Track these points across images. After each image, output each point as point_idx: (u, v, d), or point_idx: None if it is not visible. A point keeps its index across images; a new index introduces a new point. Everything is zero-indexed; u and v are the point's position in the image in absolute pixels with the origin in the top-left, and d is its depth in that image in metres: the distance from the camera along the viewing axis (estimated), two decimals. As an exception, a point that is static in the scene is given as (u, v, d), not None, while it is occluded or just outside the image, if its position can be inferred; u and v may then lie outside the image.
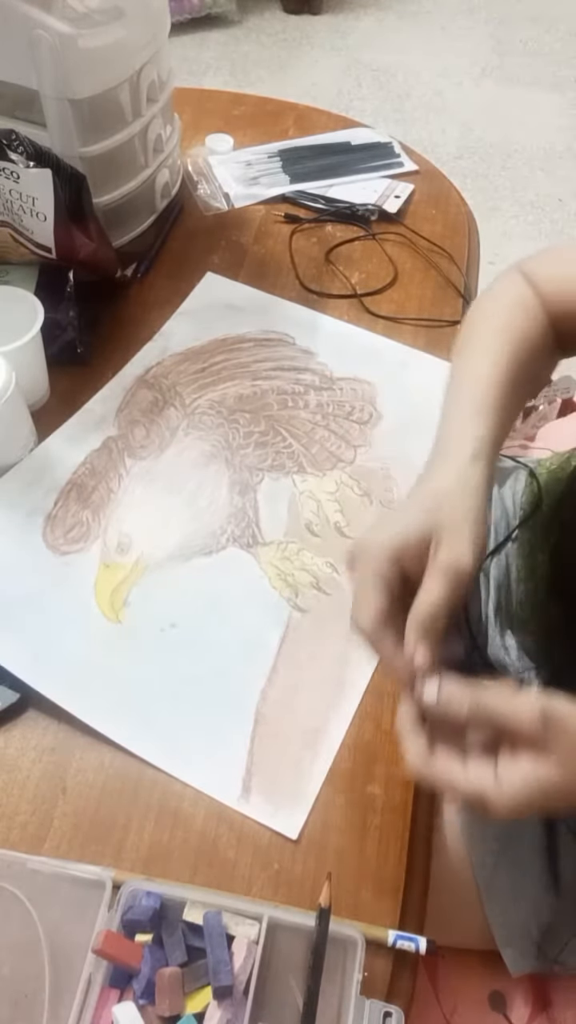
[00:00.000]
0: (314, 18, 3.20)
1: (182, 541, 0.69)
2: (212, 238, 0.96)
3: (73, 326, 0.79)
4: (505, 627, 0.77)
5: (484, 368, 0.55)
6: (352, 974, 0.47)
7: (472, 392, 0.54)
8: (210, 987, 0.46)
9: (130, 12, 0.75)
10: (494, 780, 0.42)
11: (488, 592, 0.78)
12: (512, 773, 0.41)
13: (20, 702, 0.59)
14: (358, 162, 1.07)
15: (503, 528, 0.79)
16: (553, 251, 0.64)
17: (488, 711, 0.42)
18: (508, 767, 0.42)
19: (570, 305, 0.59)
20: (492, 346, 0.57)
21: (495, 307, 0.61)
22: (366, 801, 0.56)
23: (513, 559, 0.77)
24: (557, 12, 3.21)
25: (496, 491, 0.82)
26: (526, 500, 0.79)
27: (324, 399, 0.80)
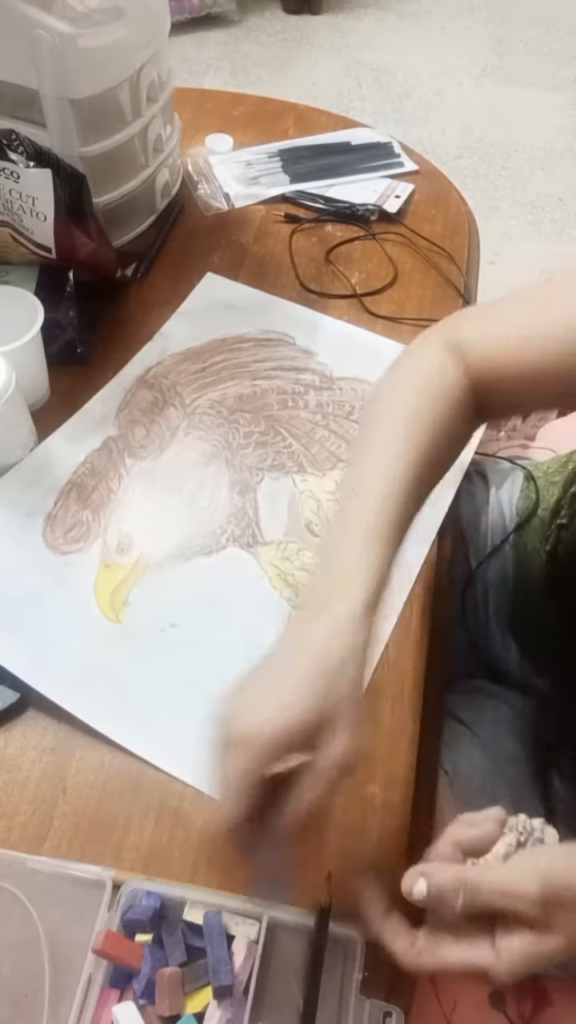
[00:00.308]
0: (314, 18, 3.20)
1: (182, 541, 0.69)
2: (212, 238, 0.96)
3: (73, 326, 0.79)
4: (505, 629, 0.77)
5: (381, 477, 0.49)
6: (352, 974, 0.47)
7: (367, 509, 0.48)
8: (210, 987, 0.46)
9: (130, 12, 0.75)
10: (491, 951, 0.40)
11: (486, 596, 0.78)
12: (512, 944, 0.39)
13: (20, 702, 0.59)
14: (358, 162, 1.07)
15: (500, 530, 0.79)
16: (475, 311, 0.58)
17: (483, 899, 0.40)
18: (507, 939, 0.40)
19: (497, 370, 0.53)
20: (394, 444, 0.50)
21: (403, 389, 0.54)
22: (366, 801, 0.56)
23: (510, 563, 0.77)
24: (557, 12, 3.22)
25: (493, 493, 0.82)
26: (522, 503, 0.78)
27: (324, 399, 0.80)
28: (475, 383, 0.53)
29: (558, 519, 0.71)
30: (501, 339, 0.53)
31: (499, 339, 0.53)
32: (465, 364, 0.53)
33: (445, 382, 0.52)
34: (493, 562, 0.78)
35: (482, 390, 0.53)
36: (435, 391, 0.52)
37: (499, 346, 0.53)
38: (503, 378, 0.53)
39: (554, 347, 0.50)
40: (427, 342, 0.56)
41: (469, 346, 0.53)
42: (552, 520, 0.71)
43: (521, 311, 0.54)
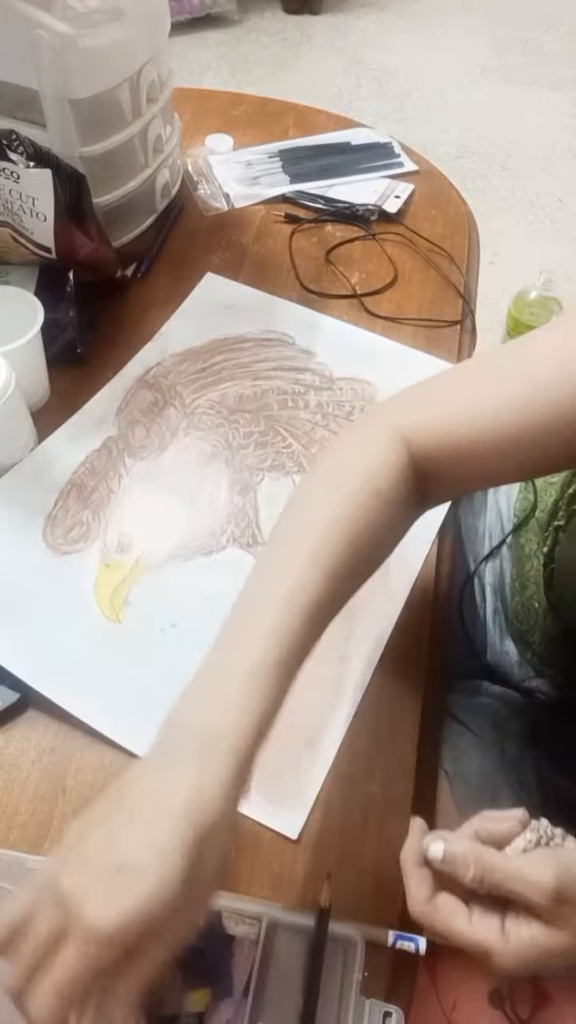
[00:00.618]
0: (314, 18, 3.20)
1: (182, 541, 0.69)
2: (212, 238, 0.96)
3: (73, 326, 0.79)
4: (504, 630, 0.77)
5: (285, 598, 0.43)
6: (352, 974, 0.47)
7: (261, 635, 0.41)
8: (210, 987, 0.46)
9: (130, 12, 0.75)
10: (500, 933, 0.40)
11: (484, 597, 0.78)
12: (521, 931, 0.39)
13: (20, 702, 0.59)
14: (358, 162, 1.07)
15: (498, 532, 0.79)
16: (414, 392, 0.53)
17: (496, 879, 0.40)
18: (517, 925, 0.40)
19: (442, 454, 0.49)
20: (305, 557, 0.44)
21: (325, 488, 0.49)
22: (366, 801, 0.56)
23: (508, 565, 0.77)
24: (557, 12, 3.22)
25: (491, 494, 0.82)
26: (520, 505, 0.78)
27: (324, 399, 0.80)
28: (419, 470, 0.50)
29: (556, 520, 0.71)
30: (444, 423, 0.50)
31: (442, 423, 0.50)
32: (406, 451, 0.49)
33: (379, 476, 0.48)
34: (491, 563, 0.78)
35: (426, 476, 0.50)
36: (365, 488, 0.47)
37: (443, 430, 0.50)
38: (449, 461, 0.50)
39: (491, 425, 0.48)
40: (366, 428, 0.52)
41: (410, 434, 0.50)
42: (550, 521, 0.71)
43: (461, 390, 0.51)
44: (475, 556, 0.79)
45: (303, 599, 0.43)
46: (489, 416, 0.48)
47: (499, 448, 0.48)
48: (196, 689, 0.41)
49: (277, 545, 0.48)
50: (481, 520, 0.80)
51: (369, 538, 0.47)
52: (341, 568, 0.45)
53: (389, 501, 0.48)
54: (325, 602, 0.44)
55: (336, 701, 0.61)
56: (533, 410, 0.46)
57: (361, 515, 0.47)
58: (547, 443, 0.47)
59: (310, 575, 0.44)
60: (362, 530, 0.46)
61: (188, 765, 0.37)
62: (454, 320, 0.89)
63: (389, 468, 0.48)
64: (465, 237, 1.00)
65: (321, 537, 0.45)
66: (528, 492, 0.78)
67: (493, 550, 0.78)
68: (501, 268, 2.04)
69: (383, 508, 0.48)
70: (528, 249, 2.22)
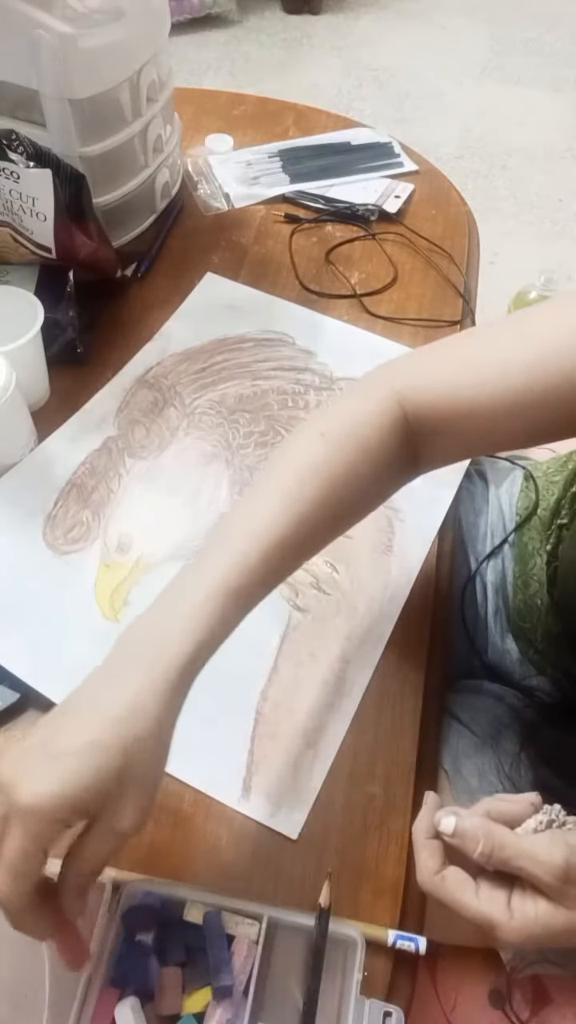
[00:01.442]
0: (314, 18, 3.20)
1: (182, 541, 0.69)
2: (212, 238, 0.96)
3: (73, 326, 0.79)
4: (505, 629, 0.77)
5: (254, 534, 0.45)
6: (352, 974, 0.47)
7: (224, 564, 0.44)
8: (210, 987, 0.46)
9: (130, 12, 0.75)
10: (506, 908, 0.40)
11: (486, 596, 0.78)
12: (526, 906, 0.40)
13: (20, 702, 0.59)
14: (358, 162, 1.07)
15: (499, 530, 0.79)
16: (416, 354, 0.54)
17: (505, 855, 0.40)
18: (523, 899, 0.40)
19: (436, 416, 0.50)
20: (280, 497, 0.46)
21: (310, 437, 0.49)
22: (366, 801, 0.56)
23: (510, 563, 0.77)
24: (557, 12, 3.22)
25: (493, 492, 0.82)
26: (522, 503, 0.78)
27: (324, 399, 0.80)
28: (413, 430, 0.51)
29: (558, 519, 0.71)
30: (441, 385, 0.50)
31: (439, 385, 0.50)
32: (402, 410, 0.50)
33: (370, 431, 0.49)
34: (493, 562, 0.78)
35: (420, 438, 0.51)
36: (353, 440, 0.48)
37: (439, 392, 0.50)
38: (443, 423, 0.50)
39: (488, 387, 0.48)
40: (363, 386, 0.53)
41: (407, 394, 0.50)
42: (552, 520, 0.71)
43: (458, 354, 0.52)
44: (476, 555, 0.79)
45: (268, 536, 0.45)
46: (487, 378, 0.49)
47: (494, 411, 0.49)
48: (154, 605, 0.44)
49: (256, 485, 0.50)
50: (483, 519, 0.80)
51: (348, 488, 0.48)
52: (313, 512, 0.46)
53: (374, 455, 0.49)
54: (291, 544, 0.46)
55: (336, 701, 0.61)
56: (531, 376, 0.47)
57: (341, 465, 0.48)
58: (542, 411, 0.48)
59: (279, 515, 0.45)
60: (340, 479, 0.47)
61: (128, 674, 0.41)
62: (454, 320, 0.89)
63: (377, 423, 0.49)
64: (465, 237, 1.00)
65: (296, 480, 0.47)
66: (530, 490, 0.78)
67: (495, 548, 0.78)
68: (501, 268, 2.04)
69: (367, 461, 0.49)
70: (528, 249, 2.22)
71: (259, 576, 0.44)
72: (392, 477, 0.52)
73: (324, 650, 0.63)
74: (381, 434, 0.49)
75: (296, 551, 0.47)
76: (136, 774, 0.38)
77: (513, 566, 0.76)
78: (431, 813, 0.44)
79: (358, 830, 0.55)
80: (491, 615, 0.77)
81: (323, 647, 0.64)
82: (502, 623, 0.77)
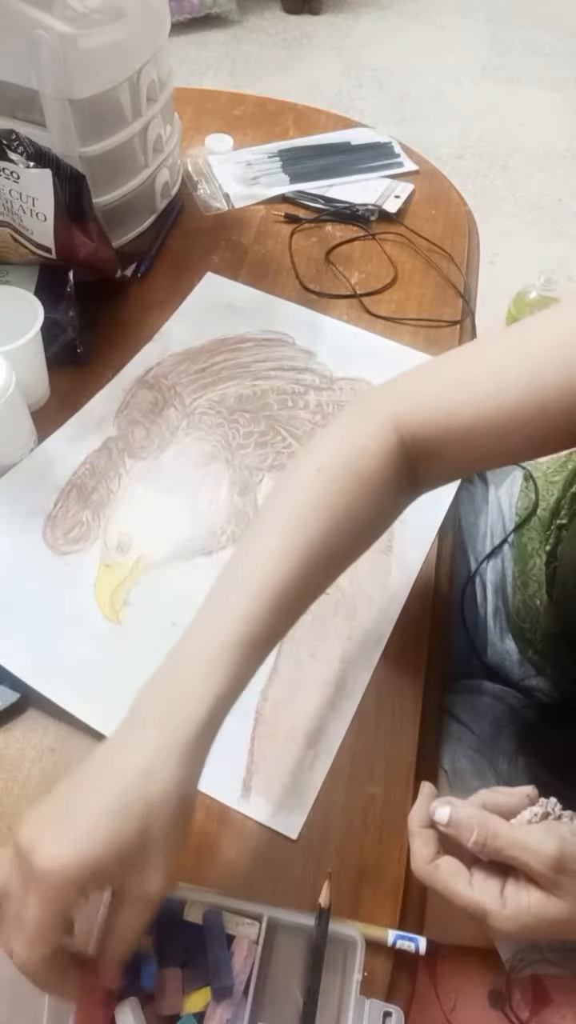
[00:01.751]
0: (314, 18, 3.20)
1: (182, 541, 0.69)
2: (212, 238, 0.96)
3: (73, 326, 0.79)
4: (504, 631, 0.77)
5: (260, 582, 0.44)
6: (352, 974, 0.47)
7: (232, 616, 0.43)
8: (210, 987, 0.46)
9: (130, 12, 0.75)
10: (498, 897, 0.40)
11: (485, 596, 0.78)
12: (519, 896, 0.40)
13: (20, 702, 0.59)
14: (358, 162, 1.07)
15: (499, 531, 0.79)
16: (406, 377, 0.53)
17: (499, 844, 0.40)
18: (517, 889, 0.40)
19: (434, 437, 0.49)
20: (283, 540, 0.45)
21: (307, 473, 0.48)
22: (366, 801, 0.56)
23: (509, 563, 0.77)
24: (557, 12, 3.22)
25: (493, 492, 0.82)
26: (522, 504, 0.78)
27: (324, 399, 0.80)
28: (411, 453, 0.50)
29: (558, 519, 0.71)
30: (436, 407, 0.49)
31: (433, 407, 0.49)
32: (398, 434, 0.49)
33: (369, 458, 0.48)
34: (493, 562, 0.78)
35: (418, 460, 0.50)
36: (354, 470, 0.48)
37: (434, 414, 0.49)
38: (441, 445, 0.50)
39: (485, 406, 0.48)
40: (359, 412, 0.52)
41: (402, 418, 0.50)
42: (552, 520, 0.71)
43: (453, 373, 0.51)
44: (476, 555, 0.79)
45: (274, 583, 0.44)
46: (483, 396, 0.48)
47: (493, 429, 0.48)
48: (165, 666, 0.44)
49: (256, 528, 0.49)
50: (483, 519, 0.80)
51: (349, 521, 0.47)
52: (317, 552, 0.46)
53: (373, 485, 0.48)
54: (299, 586, 0.45)
55: (336, 701, 0.61)
56: (529, 393, 0.46)
57: (341, 499, 0.47)
58: (541, 424, 0.47)
59: (283, 559, 0.45)
60: (342, 514, 0.47)
61: (145, 734, 0.40)
62: (454, 320, 0.89)
63: (374, 452, 0.48)
64: (465, 237, 1.00)
65: (297, 520, 0.46)
66: (529, 490, 0.78)
67: (495, 549, 0.78)
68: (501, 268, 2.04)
69: (366, 492, 0.48)
70: (528, 249, 2.22)
71: (269, 626, 0.44)
72: (393, 503, 0.52)
73: (324, 650, 0.63)
74: (379, 463, 0.48)
75: (302, 594, 0.46)
76: (158, 836, 0.38)
77: (513, 566, 0.76)
78: (427, 803, 0.44)
79: (358, 830, 0.55)
80: (490, 615, 0.77)
81: (323, 647, 0.63)
82: (501, 623, 0.77)
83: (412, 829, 0.44)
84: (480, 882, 0.41)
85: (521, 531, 0.77)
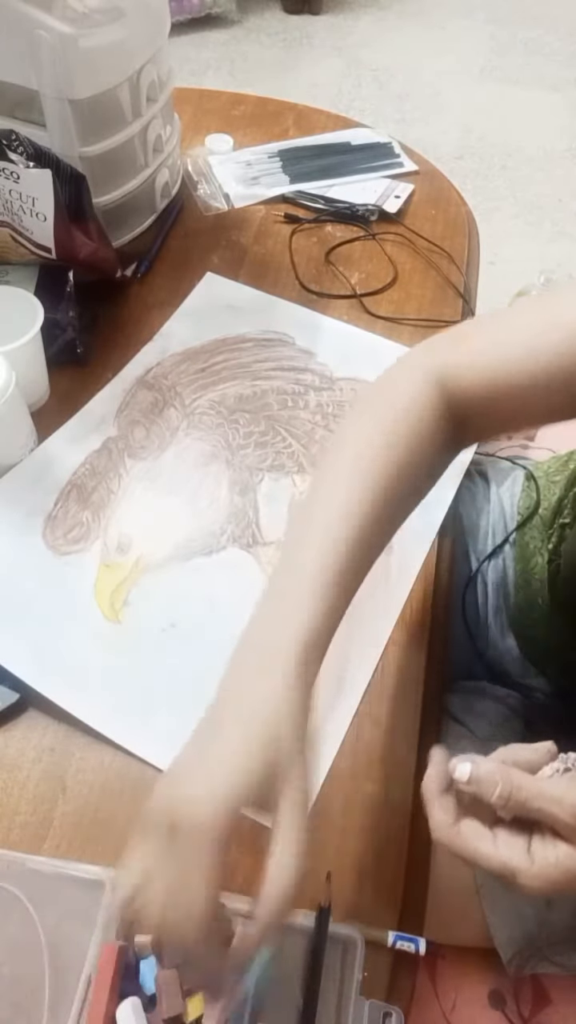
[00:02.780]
0: (314, 18, 3.20)
1: (182, 541, 0.69)
2: (212, 238, 0.96)
3: (73, 326, 0.79)
4: (506, 629, 0.77)
5: (337, 519, 0.46)
6: (352, 974, 0.47)
7: (316, 553, 0.45)
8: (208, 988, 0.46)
9: (130, 12, 0.75)
10: (526, 855, 0.39)
11: (487, 595, 0.78)
12: (547, 851, 0.39)
13: (20, 702, 0.59)
14: (358, 162, 1.07)
15: (501, 530, 0.79)
16: (449, 335, 0.54)
17: (523, 796, 0.39)
18: (544, 845, 0.40)
19: (477, 393, 0.51)
20: (352, 481, 0.47)
21: (369, 422, 0.51)
22: (366, 801, 0.56)
23: (511, 562, 0.77)
24: (557, 12, 3.22)
25: (494, 491, 0.82)
26: (523, 503, 0.78)
27: (324, 399, 0.80)
28: (454, 409, 0.51)
29: (560, 518, 0.71)
30: (479, 361, 0.51)
31: (477, 362, 0.51)
32: (442, 390, 0.51)
33: (416, 412, 0.50)
34: (494, 561, 0.78)
35: (462, 415, 0.52)
36: (404, 423, 0.49)
37: (478, 369, 0.51)
38: (483, 399, 0.51)
39: (533, 364, 0.49)
40: (402, 369, 0.53)
41: (446, 372, 0.51)
42: (554, 519, 0.71)
43: (495, 331, 0.52)
44: (478, 554, 0.79)
45: (352, 519, 0.46)
46: (524, 352, 0.49)
47: (533, 386, 0.49)
48: (259, 611, 0.45)
49: (322, 478, 0.50)
50: (484, 518, 0.80)
51: (410, 468, 0.49)
52: (384, 495, 0.47)
53: (424, 438, 0.50)
54: (375, 524, 0.47)
55: (336, 701, 0.61)
56: (566, 347, 0.48)
57: (400, 449, 0.49)
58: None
59: (357, 499, 0.47)
60: (403, 460, 0.49)
61: (249, 678, 0.42)
62: (454, 320, 0.89)
63: (423, 406, 0.50)
64: (465, 237, 1.00)
65: (367, 460, 0.48)
66: (531, 490, 0.78)
67: (496, 548, 0.78)
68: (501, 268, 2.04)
69: (420, 444, 0.50)
70: (528, 249, 2.22)
71: (354, 561, 0.45)
72: (441, 458, 0.53)
73: (324, 650, 0.63)
74: (428, 415, 0.50)
75: (379, 532, 0.48)
76: (288, 759, 0.40)
77: (514, 565, 0.76)
78: (440, 768, 0.43)
79: (358, 830, 0.55)
80: (491, 614, 0.77)
81: (323, 647, 0.63)
82: (503, 622, 0.77)
83: (428, 797, 0.43)
84: (505, 841, 0.40)
85: (523, 530, 0.77)
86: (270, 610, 0.45)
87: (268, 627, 0.44)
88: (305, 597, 0.43)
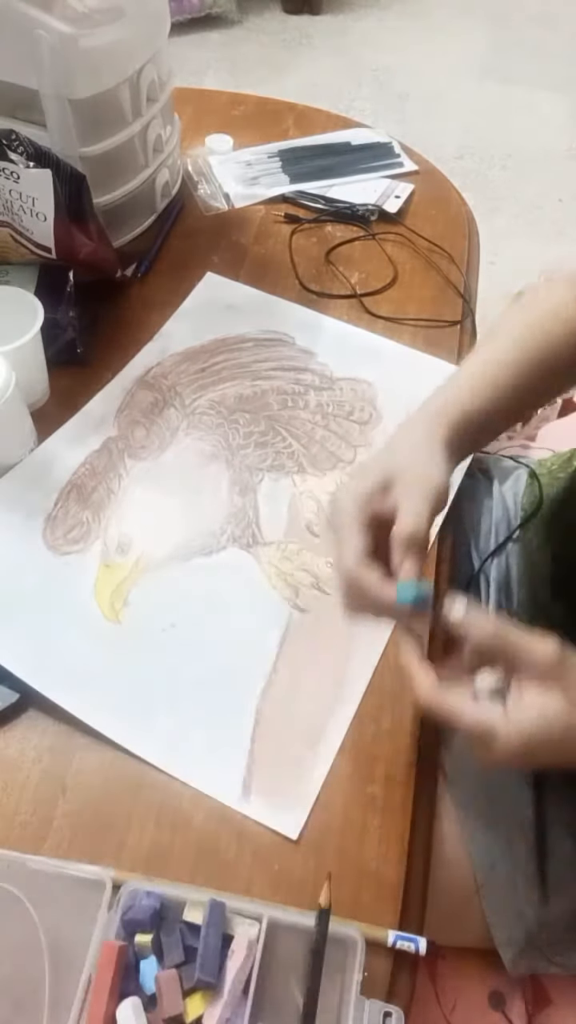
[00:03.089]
0: (314, 18, 3.20)
1: (182, 541, 0.69)
2: (212, 238, 0.96)
3: (73, 326, 0.79)
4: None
5: (498, 351, 0.57)
6: (352, 974, 0.47)
7: (477, 367, 0.57)
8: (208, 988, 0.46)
9: (130, 12, 0.75)
10: (503, 714, 0.43)
11: (489, 593, 0.78)
12: (521, 705, 0.43)
13: (20, 702, 0.59)
14: (358, 162, 1.07)
15: (504, 528, 0.79)
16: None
17: (506, 639, 0.44)
18: (519, 701, 0.44)
19: None
20: (513, 334, 0.58)
21: (524, 313, 0.61)
22: (366, 801, 0.56)
23: (514, 560, 0.77)
24: (557, 12, 3.22)
25: (497, 489, 0.82)
26: (527, 501, 0.79)
27: (324, 399, 0.80)
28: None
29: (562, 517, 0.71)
30: None
31: None
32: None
33: (566, 314, 0.59)
34: (497, 559, 0.78)
35: None
36: (554, 319, 0.59)
37: None
38: None
39: None
40: (551, 283, 0.63)
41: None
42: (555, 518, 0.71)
43: None
44: (480, 553, 0.79)
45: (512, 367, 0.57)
46: None
47: None
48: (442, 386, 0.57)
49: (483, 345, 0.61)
50: (487, 516, 0.80)
51: (558, 352, 0.58)
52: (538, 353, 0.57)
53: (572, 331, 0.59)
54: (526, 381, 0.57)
55: (336, 701, 0.61)
56: None
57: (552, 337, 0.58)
58: None
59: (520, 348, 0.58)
60: (555, 342, 0.58)
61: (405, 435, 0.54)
62: (454, 320, 0.89)
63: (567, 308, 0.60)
64: (465, 237, 1.00)
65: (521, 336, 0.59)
66: (534, 488, 0.78)
67: (499, 546, 0.78)
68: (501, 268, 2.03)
69: (566, 334, 0.59)
70: (528, 249, 2.22)
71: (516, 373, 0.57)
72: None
73: (324, 650, 0.63)
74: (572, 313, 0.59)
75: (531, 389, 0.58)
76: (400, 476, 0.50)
77: (518, 562, 0.76)
78: (413, 648, 0.48)
79: (358, 830, 0.55)
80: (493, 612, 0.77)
81: (323, 647, 0.64)
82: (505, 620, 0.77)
83: (410, 667, 0.47)
84: (485, 702, 0.44)
85: (526, 528, 0.77)
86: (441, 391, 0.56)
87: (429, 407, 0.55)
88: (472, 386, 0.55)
